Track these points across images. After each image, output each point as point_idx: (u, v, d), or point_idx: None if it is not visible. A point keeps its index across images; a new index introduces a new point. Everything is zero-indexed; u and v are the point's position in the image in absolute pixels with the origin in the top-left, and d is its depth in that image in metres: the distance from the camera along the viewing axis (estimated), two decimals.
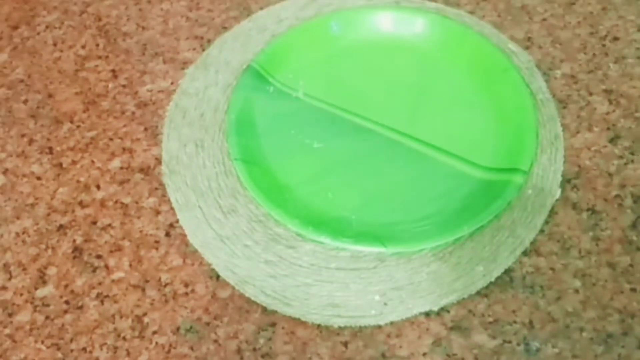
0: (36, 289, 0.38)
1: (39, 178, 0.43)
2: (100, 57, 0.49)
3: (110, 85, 0.47)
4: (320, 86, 0.46)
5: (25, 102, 0.46)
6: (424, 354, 0.35)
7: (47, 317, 0.37)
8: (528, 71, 0.46)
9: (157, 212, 0.40)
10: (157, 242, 0.39)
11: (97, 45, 0.49)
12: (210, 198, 0.41)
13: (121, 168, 0.43)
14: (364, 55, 0.47)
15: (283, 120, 0.44)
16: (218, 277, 0.38)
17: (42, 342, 0.36)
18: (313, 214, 0.39)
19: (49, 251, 0.39)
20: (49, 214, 0.41)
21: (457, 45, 0.46)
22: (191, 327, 0.36)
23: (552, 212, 0.39)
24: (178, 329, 0.36)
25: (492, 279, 0.37)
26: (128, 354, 0.35)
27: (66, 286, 0.38)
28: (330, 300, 0.37)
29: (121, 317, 0.37)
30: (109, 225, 0.40)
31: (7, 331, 0.37)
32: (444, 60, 0.46)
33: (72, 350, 0.36)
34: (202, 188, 0.41)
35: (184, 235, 0.39)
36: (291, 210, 0.38)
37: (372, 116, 0.43)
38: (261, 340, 0.35)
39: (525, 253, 0.38)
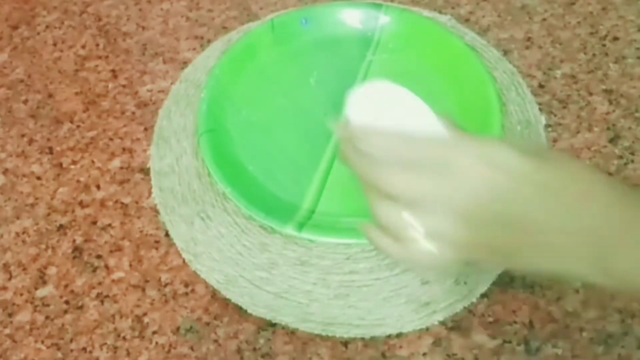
0: (36, 289, 0.38)
1: (39, 178, 0.42)
2: (100, 57, 0.49)
3: (110, 85, 0.47)
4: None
5: (25, 102, 0.46)
6: (424, 354, 0.35)
7: (47, 317, 0.37)
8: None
9: (157, 212, 0.40)
10: (157, 242, 0.39)
11: (97, 45, 0.49)
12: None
13: (121, 168, 0.43)
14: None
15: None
16: None
17: (42, 342, 0.36)
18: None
19: (49, 251, 0.39)
20: (49, 214, 0.41)
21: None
22: (191, 327, 0.36)
23: None
24: (178, 329, 0.36)
25: (493, 279, 0.37)
26: (128, 354, 0.35)
27: (66, 286, 0.38)
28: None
29: (121, 317, 0.37)
30: (109, 225, 0.40)
31: (7, 331, 0.37)
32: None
33: (72, 350, 0.36)
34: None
35: None
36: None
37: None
38: (261, 340, 0.35)
39: None
